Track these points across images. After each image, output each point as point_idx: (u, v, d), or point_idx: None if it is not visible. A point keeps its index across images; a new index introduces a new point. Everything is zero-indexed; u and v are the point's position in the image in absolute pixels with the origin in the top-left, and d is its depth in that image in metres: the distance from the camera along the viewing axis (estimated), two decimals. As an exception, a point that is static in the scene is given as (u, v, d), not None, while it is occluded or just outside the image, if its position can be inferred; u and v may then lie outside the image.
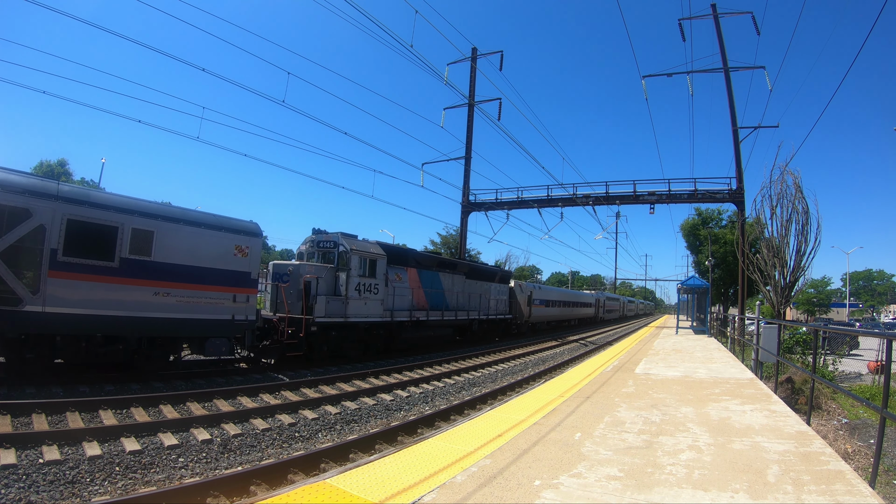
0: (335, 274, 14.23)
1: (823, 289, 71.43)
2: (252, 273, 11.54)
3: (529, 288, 29.81)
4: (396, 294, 16.30)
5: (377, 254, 15.28)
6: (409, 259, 17.66)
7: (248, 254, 11.46)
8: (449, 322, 19.44)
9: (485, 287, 22.99)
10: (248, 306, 11.42)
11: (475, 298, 21.88)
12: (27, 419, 6.90)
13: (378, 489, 3.40)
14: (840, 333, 23.84)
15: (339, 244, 14.40)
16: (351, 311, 14.15)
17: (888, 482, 6.27)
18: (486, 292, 23.18)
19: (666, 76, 25.55)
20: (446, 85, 23.88)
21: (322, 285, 13.53)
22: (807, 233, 15.66)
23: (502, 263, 60.25)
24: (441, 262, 19.94)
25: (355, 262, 14.39)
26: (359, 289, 14.46)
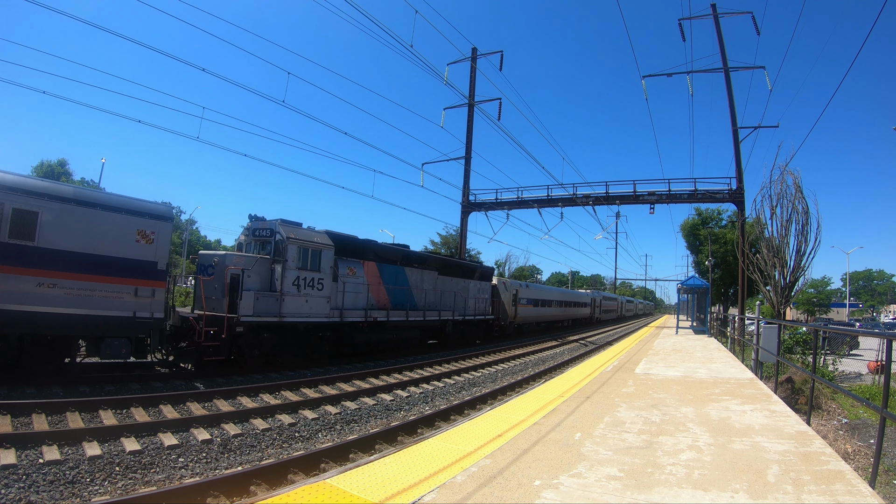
0: (270, 266, 12.30)
1: (823, 289, 71.45)
2: (159, 263, 10.02)
3: (515, 286, 27.58)
4: (348, 291, 14.34)
5: (322, 244, 13.30)
6: (366, 251, 15.55)
7: (153, 240, 9.91)
8: (415, 323, 17.37)
9: (462, 285, 20.92)
10: (154, 302, 9.87)
11: (450, 297, 19.73)
12: (27, 419, 6.90)
13: (378, 489, 3.40)
14: (840, 333, 23.85)
15: (276, 232, 12.45)
16: (287, 310, 12.27)
17: (888, 482, 6.27)
18: (464, 290, 21.12)
19: (666, 76, 25.58)
20: (446, 85, 23.90)
21: (254, 279, 11.76)
22: (807, 233, 15.68)
23: (502, 263, 60.17)
24: (407, 257, 17.68)
25: (293, 252, 12.41)
26: (298, 283, 12.52)
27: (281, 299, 12.16)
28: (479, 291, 22.60)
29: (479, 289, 22.60)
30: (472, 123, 29.65)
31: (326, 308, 13.46)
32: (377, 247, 16.29)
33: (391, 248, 17.32)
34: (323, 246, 13.34)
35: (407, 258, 17.55)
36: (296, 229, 12.87)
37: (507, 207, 29.83)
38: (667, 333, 24.25)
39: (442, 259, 20.35)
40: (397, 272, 16.83)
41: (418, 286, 17.88)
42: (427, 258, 19.19)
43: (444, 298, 19.44)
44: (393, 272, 16.61)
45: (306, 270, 12.81)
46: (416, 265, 17.92)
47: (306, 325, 12.92)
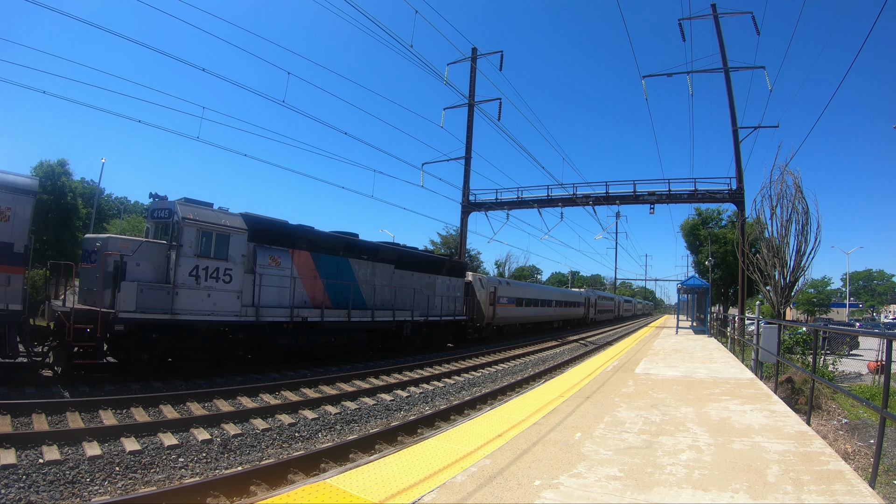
0: (167, 254, 10.35)
1: (823, 289, 71.48)
2: (16, 245, 8.53)
3: (493, 283, 24.88)
4: (268, 284, 12.08)
5: (230, 227, 11.14)
6: (295, 238, 13.20)
7: (8, 217, 8.39)
8: (361, 324, 14.97)
9: (426, 281, 18.54)
10: (9, 291, 8.37)
11: (409, 294, 17.34)
12: (27, 419, 6.91)
13: (378, 489, 3.40)
14: (840, 333, 23.84)
15: (174, 212, 10.54)
16: (183, 306, 10.18)
17: (888, 482, 6.27)
18: (429, 287, 18.67)
19: (666, 76, 25.57)
20: (446, 85, 23.91)
21: (144, 268, 9.89)
22: (807, 233, 15.67)
23: (502, 263, 59.81)
24: (353, 246, 15.13)
25: (190, 235, 10.34)
26: (196, 274, 10.45)
27: (174, 293, 10.07)
28: (448, 289, 20.09)
29: (448, 286, 20.08)
30: (472, 123, 29.65)
31: (236, 305, 11.17)
32: (312, 234, 13.83)
33: (331, 237, 14.63)
34: (231, 230, 11.15)
35: (352, 248, 15.10)
36: (197, 209, 10.79)
37: (507, 207, 29.83)
38: (667, 333, 24.25)
39: (399, 250, 17.46)
40: (339, 264, 14.51)
41: (367, 281, 15.53)
42: (380, 249, 16.35)
43: (401, 296, 17.01)
44: (333, 264, 14.28)
45: (208, 258, 10.67)
46: (365, 257, 15.51)
47: (209, 324, 10.78)
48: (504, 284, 26.50)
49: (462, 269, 21.97)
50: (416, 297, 17.82)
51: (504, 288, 26.12)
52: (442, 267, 19.95)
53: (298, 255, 13.22)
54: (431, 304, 18.78)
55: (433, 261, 19.76)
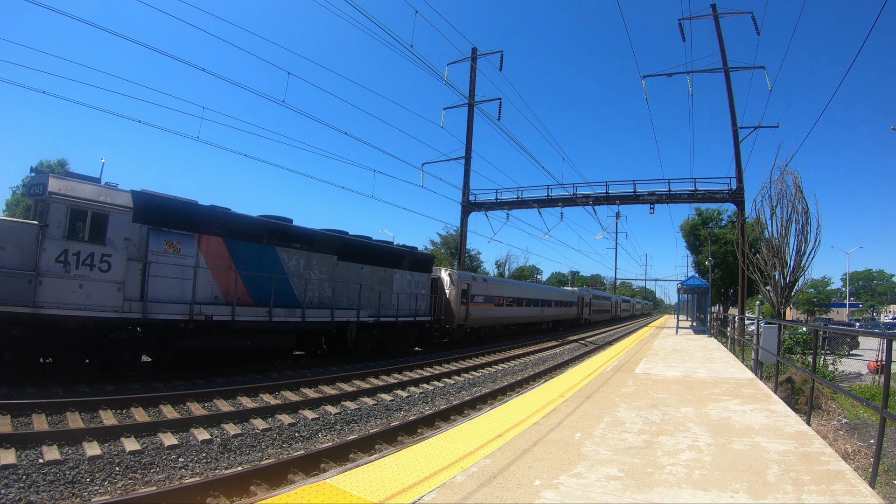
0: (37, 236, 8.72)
1: (823, 289, 71.46)
2: None
3: (466, 279, 21.91)
4: (160, 275, 10.02)
5: (109, 205, 9.36)
6: (204, 222, 11.07)
7: None
8: (287, 325, 12.56)
9: (380, 275, 16.17)
10: None
11: (355, 291, 14.99)
12: (27, 419, 6.90)
13: (378, 489, 3.40)
14: (840, 333, 23.84)
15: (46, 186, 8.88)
16: (47, 297, 8.56)
17: (888, 482, 6.27)
18: (383, 283, 16.29)
19: (666, 76, 25.59)
20: (446, 85, 23.91)
21: (10, 252, 8.40)
22: (807, 233, 15.69)
23: (502, 263, 59.48)
24: (280, 232, 12.79)
25: (59, 214, 8.77)
26: (65, 260, 8.82)
27: (36, 282, 8.50)
28: (410, 285, 17.71)
29: (409, 282, 17.70)
30: (472, 123, 29.67)
31: (116, 298, 9.31)
32: (226, 216, 11.63)
33: (252, 220, 12.28)
34: (112, 208, 9.39)
35: (280, 234, 12.81)
36: (72, 183, 9.15)
37: (507, 207, 29.85)
38: (666, 333, 24.25)
39: (344, 240, 14.87)
40: (263, 253, 12.28)
41: (300, 274, 13.23)
42: (317, 237, 13.97)
43: (347, 292, 14.69)
44: (255, 253, 12.06)
45: (80, 242, 9.01)
46: (297, 245, 13.24)
47: (82, 321, 9.04)
48: (479, 281, 23.54)
49: (427, 263, 19.34)
50: (365, 293, 15.37)
51: (479, 285, 23.19)
52: (401, 260, 17.40)
53: (207, 242, 11.05)
54: (386, 302, 16.31)
55: (390, 253, 17.04)
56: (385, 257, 16.64)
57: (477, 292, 22.79)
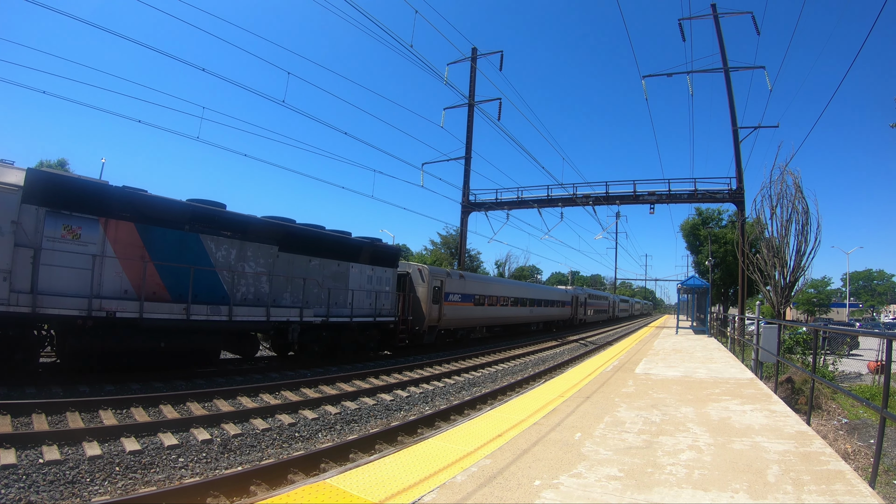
0: None
1: (823, 289, 71.45)
2: None
3: (439, 275, 19.80)
4: (55, 264, 8.83)
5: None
6: (112, 204, 9.69)
7: None
8: (210, 325, 10.86)
9: (333, 269, 14.26)
10: None
11: (300, 286, 13.11)
12: (27, 419, 6.90)
13: (378, 489, 3.40)
14: (840, 333, 23.85)
15: None
16: None
17: (888, 482, 6.27)
18: (337, 278, 14.41)
19: (666, 76, 25.61)
20: (446, 85, 23.91)
21: None
22: (807, 233, 15.69)
23: (502, 263, 59.28)
24: (207, 218, 11.12)
25: None
26: None
27: None
28: (371, 281, 15.77)
29: (370, 277, 15.76)
30: (472, 123, 29.68)
31: (2, 289, 8.30)
32: (141, 199, 10.22)
33: (172, 204, 10.72)
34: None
35: (207, 221, 11.15)
36: None
37: (507, 207, 29.86)
38: (666, 333, 24.25)
39: (286, 228, 12.99)
40: (185, 242, 10.68)
41: (232, 267, 11.52)
42: (252, 224, 12.18)
43: (290, 288, 12.89)
44: (175, 241, 10.51)
45: None
46: (227, 233, 11.51)
47: None
48: (455, 278, 21.19)
49: (391, 257, 17.23)
50: (312, 290, 13.48)
51: (454, 282, 20.93)
52: (359, 252, 15.43)
53: (116, 227, 9.71)
54: (340, 300, 14.45)
55: (345, 244, 15.03)
56: (339, 249, 14.70)
57: (452, 290, 20.61)
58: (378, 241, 16.61)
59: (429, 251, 52.05)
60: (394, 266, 17.20)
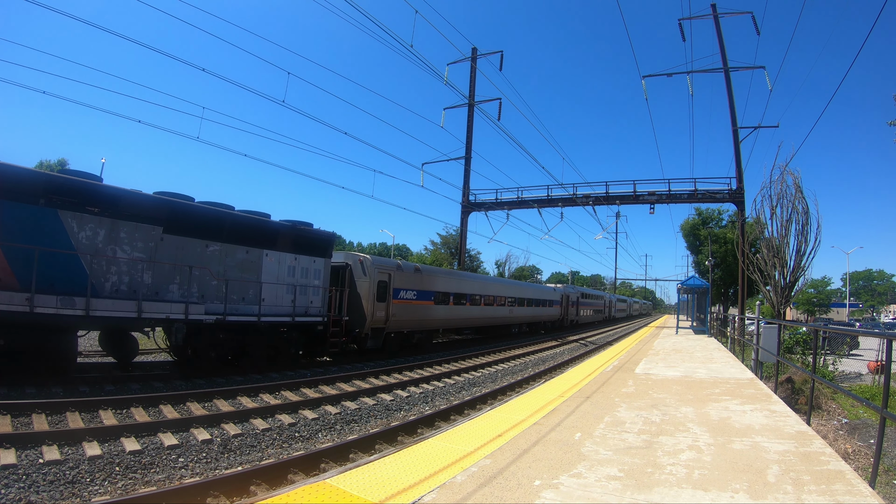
0: None
1: (823, 289, 71.42)
2: None
3: (386, 267, 16.79)
4: None
5: None
6: None
7: None
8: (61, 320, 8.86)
9: (240, 257, 11.89)
10: None
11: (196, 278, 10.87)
12: (27, 419, 6.91)
13: (378, 489, 3.40)
14: (840, 333, 23.86)
15: None
16: None
17: (888, 482, 6.28)
18: (246, 268, 12.03)
19: (666, 76, 25.62)
20: (446, 85, 23.92)
21: None
22: (807, 233, 15.70)
23: (502, 263, 59.04)
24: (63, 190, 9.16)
25: None
26: None
27: None
28: (293, 273, 13.30)
29: (291, 268, 13.27)
30: (472, 123, 29.69)
31: None
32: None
33: (23, 174, 8.91)
34: None
35: (69, 194, 9.22)
36: None
37: (507, 207, 29.88)
38: (667, 333, 24.25)
39: (173, 205, 10.67)
40: (39, 219, 8.85)
41: (99, 250, 9.53)
42: (127, 199, 10.04)
43: (180, 279, 10.65)
44: (27, 218, 8.70)
45: None
46: (94, 210, 9.53)
47: None
48: (407, 271, 17.99)
49: (321, 244, 14.34)
50: (208, 282, 11.11)
51: (406, 276, 17.71)
52: (275, 238, 12.86)
53: None
54: (246, 294, 11.98)
55: (255, 228, 12.41)
56: (248, 233, 12.15)
57: (403, 285, 17.41)
58: (303, 225, 13.88)
59: (429, 251, 52.01)
60: (325, 256, 14.41)
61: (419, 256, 53.64)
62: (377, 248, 74.12)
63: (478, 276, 28.42)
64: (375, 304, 15.97)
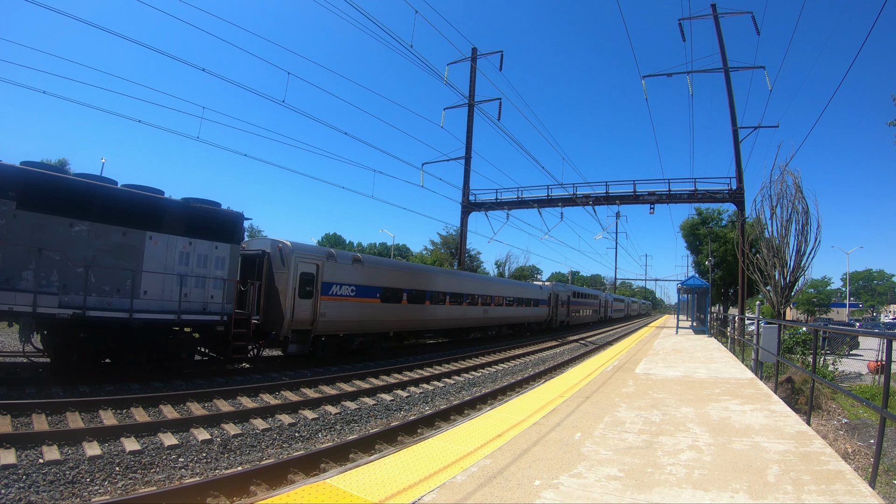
0: None
1: (823, 289, 71.47)
2: None
3: (314, 256, 13.92)
4: None
5: None
6: None
7: None
8: None
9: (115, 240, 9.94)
10: None
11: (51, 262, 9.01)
12: (27, 419, 6.91)
13: (378, 489, 3.40)
14: (840, 333, 23.86)
15: None
16: None
17: (888, 482, 6.28)
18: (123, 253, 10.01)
19: (666, 76, 25.61)
20: (446, 85, 23.92)
21: None
22: (807, 233, 15.70)
23: (502, 263, 59.06)
24: None
25: None
26: None
27: None
28: (187, 261, 11.02)
29: (185, 255, 10.99)
30: (472, 123, 29.69)
31: None
32: None
33: None
34: None
35: None
36: None
37: (507, 207, 29.88)
38: (667, 333, 24.25)
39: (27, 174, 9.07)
40: None
41: None
42: None
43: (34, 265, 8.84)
44: None
45: None
46: None
47: None
48: (343, 262, 14.89)
49: (228, 227, 11.98)
50: (68, 268, 9.24)
51: (340, 268, 14.67)
52: (162, 217, 10.65)
53: None
54: (121, 285, 9.90)
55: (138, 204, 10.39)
56: (127, 211, 10.18)
57: (337, 279, 14.48)
58: (204, 203, 11.70)
59: (429, 251, 52.03)
60: (231, 241, 11.98)
61: (419, 256, 53.65)
62: (377, 248, 74.13)
63: (440, 271, 23.97)
64: (297, 301, 13.16)
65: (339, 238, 72.50)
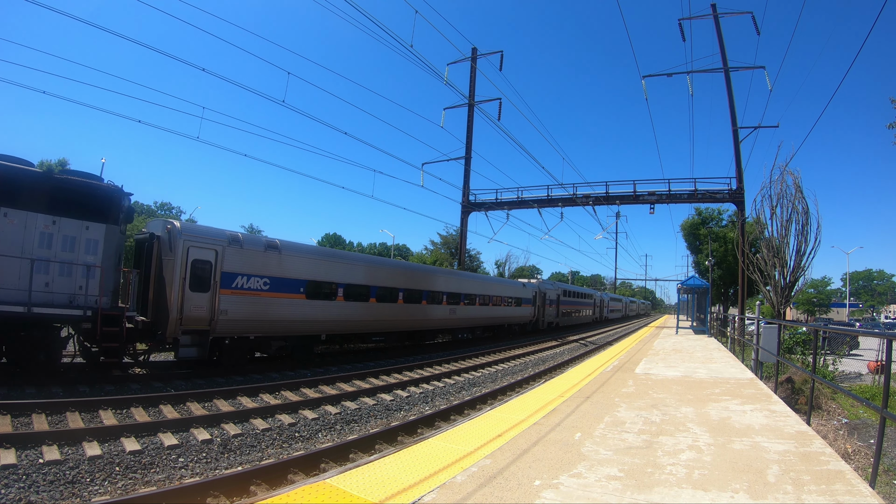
0: None
1: (823, 289, 71.48)
2: None
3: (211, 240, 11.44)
4: None
5: None
6: None
7: None
8: None
9: None
10: None
11: None
12: (27, 419, 6.91)
13: (378, 489, 3.40)
14: (840, 333, 23.86)
15: None
16: None
17: (888, 482, 6.28)
18: None
19: (666, 76, 25.61)
20: (446, 85, 23.92)
21: None
22: (807, 233, 15.70)
23: (502, 263, 58.99)
24: None
25: None
26: None
27: None
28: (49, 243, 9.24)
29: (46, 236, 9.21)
30: (472, 123, 29.70)
31: None
32: None
33: None
34: None
35: None
36: None
37: (507, 207, 29.88)
38: (667, 333, 24.25)
39: None
40: None
41: None
42: None
43: None
44: None
45: None
46: None
47: None
48: (252, 249, 12.26)
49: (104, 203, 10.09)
50: None
51: (248, 255, 12.09)
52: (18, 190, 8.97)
53: None
54: None
55: None
56: None
57: (244, 269, 11.91)
58: (71, 174, 9.72)
59: (429, 251, 51.99)
60: (108, 220, 10.07)
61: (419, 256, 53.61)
62: (377, 247, 74.10)
63: (389, 262, 19.93)
64: (188, 295, 10.78)
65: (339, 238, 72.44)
